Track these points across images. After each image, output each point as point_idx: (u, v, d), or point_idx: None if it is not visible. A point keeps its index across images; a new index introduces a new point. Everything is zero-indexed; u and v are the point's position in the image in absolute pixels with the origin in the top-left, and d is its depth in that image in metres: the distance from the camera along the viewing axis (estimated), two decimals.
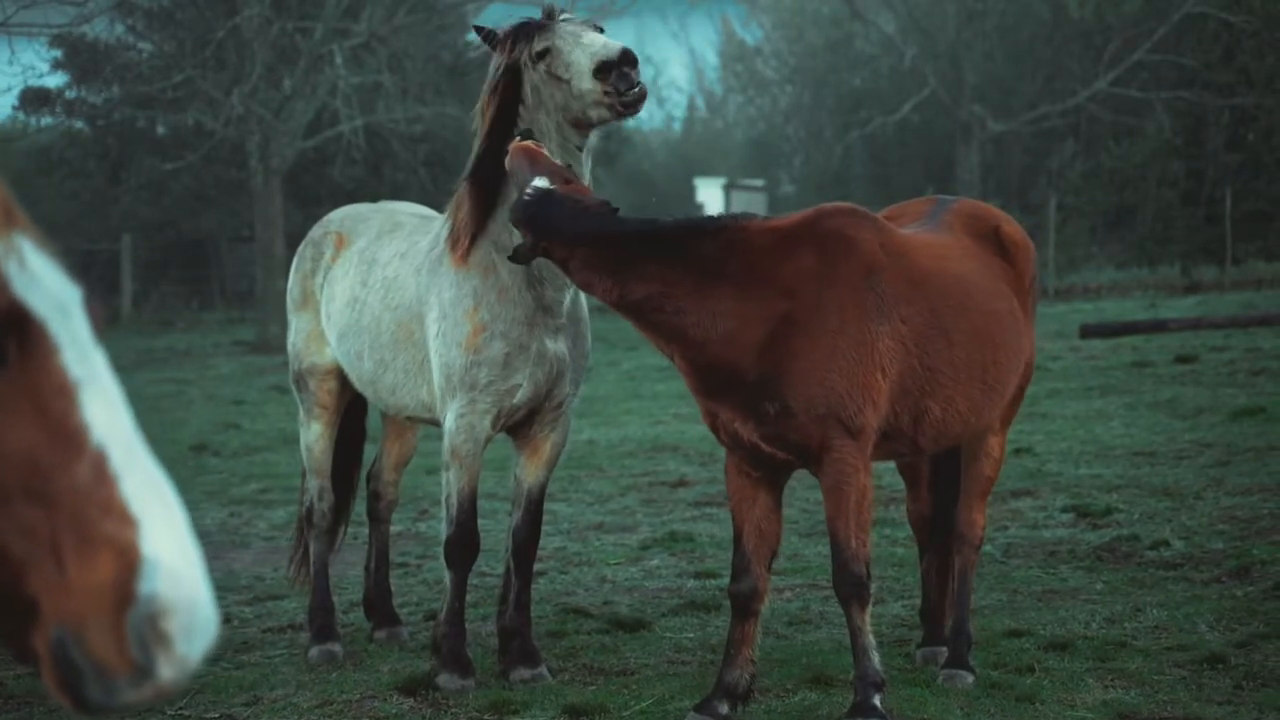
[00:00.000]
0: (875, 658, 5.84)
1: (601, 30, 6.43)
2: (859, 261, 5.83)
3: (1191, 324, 20.99)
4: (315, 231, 7.62)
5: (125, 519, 2.00)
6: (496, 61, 6.52)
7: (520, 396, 6.58)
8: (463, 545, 6.65)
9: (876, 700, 5.76)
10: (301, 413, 7.60)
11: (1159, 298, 29.25)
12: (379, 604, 7.65)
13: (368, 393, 7.21)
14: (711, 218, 5.90)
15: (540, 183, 5.72)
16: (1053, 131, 39.95)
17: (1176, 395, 15.27)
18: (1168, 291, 30.83)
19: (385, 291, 6.98)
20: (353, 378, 7.24)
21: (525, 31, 6.44)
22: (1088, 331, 21.20)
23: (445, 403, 6.63)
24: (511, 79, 6.47)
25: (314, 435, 7.55)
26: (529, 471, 6.82)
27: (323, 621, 7.32)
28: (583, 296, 6.70)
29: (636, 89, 6.16)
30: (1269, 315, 21.12)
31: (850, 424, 5.71)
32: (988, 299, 6.21)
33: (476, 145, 6.62)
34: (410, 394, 6.89)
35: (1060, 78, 39.88)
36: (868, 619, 5.86)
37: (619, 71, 6.13)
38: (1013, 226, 6.72)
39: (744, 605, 5.99)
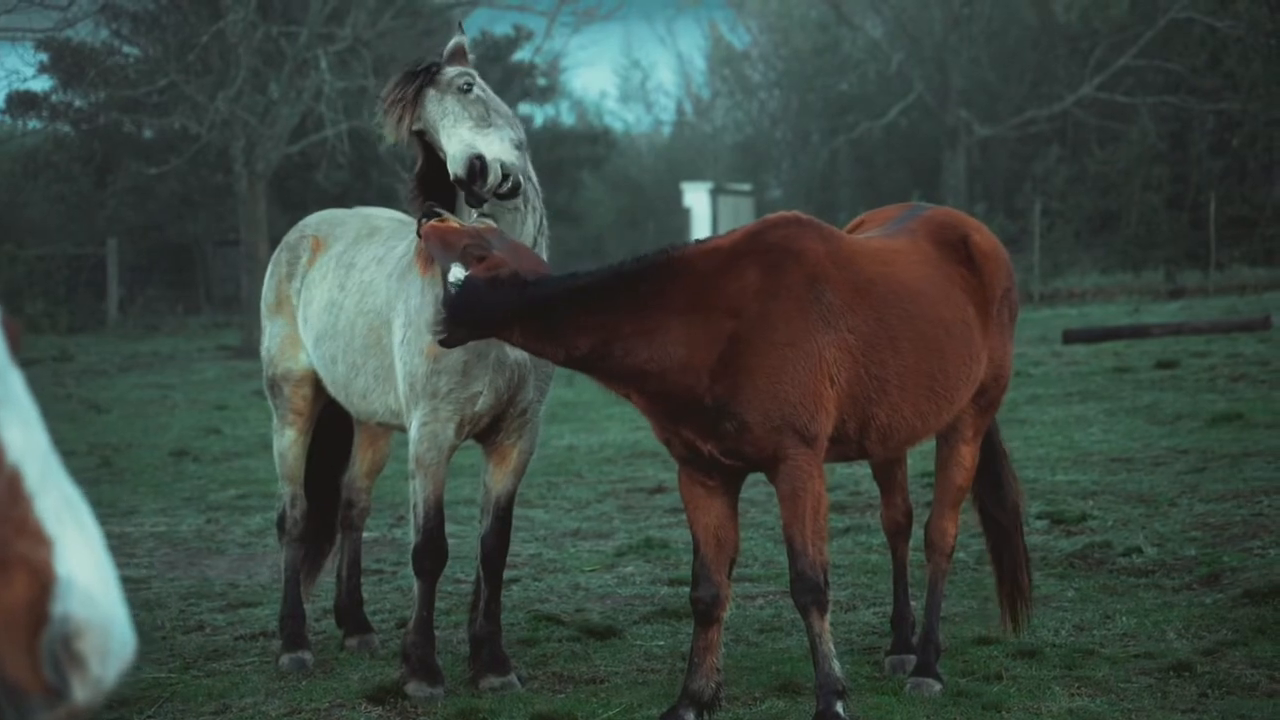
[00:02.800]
0: (836, 664, 5.84)
1: (468, 88, 6.32)
2: (803, 272, 5.82)
3: (1174, 329, 21.02)
4: (291, 236, 7.57)
5: (40, 539, 1.98)
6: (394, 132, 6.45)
7: (481, 404, 6.56)
8: (430, 553, 6.64)
9: (839, 708, 5.77)
10: (275, 419, 7.57)
11: (1143, 302, 29.28)
12: (350, 611, 7.63)
13: (340, 397, 7.17)
14: (638, 257, 5.87)
15: (455, 274, 5.65)
16: (1038, 136, 40.05)
17: (1156, 401, 15.29)
18: (1152, 296, 30.86)
19: (360, 296, 6.97)
20: (327, 382, 7.21)
21: (404, 99, 6.38)
22: (1071, 337, 21.24)
23: (409, 410, 6.63)
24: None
25: (287, 442, 7.51)
26: (497, 479, 6.81)
27: (293, 629, 7.30)
28: None
29: (502, 189, 6.14)
30: (1250, 320, 21.18)
31: (805, 432, 5.73)
32: (936, 307, 6.19)
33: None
34: (379, 399, 6.88)
35: (1046, 83, 39.99)
36: (827, 625, 5.85)
37: (468, 190, 6.14)
38: (984, 236, 6.66)
39: (706, 612, 5.99)
